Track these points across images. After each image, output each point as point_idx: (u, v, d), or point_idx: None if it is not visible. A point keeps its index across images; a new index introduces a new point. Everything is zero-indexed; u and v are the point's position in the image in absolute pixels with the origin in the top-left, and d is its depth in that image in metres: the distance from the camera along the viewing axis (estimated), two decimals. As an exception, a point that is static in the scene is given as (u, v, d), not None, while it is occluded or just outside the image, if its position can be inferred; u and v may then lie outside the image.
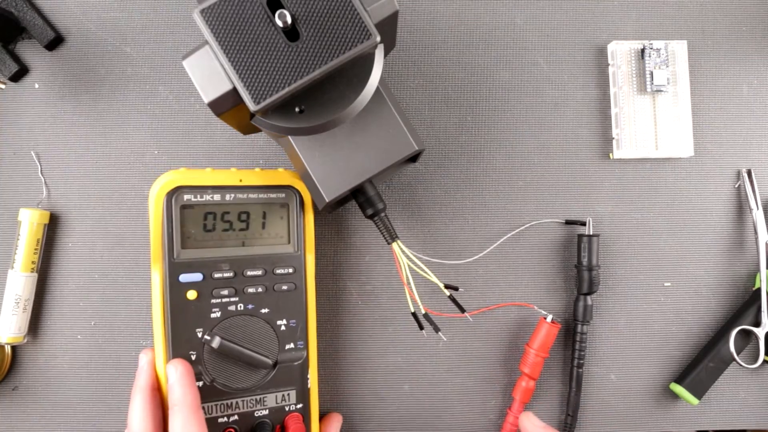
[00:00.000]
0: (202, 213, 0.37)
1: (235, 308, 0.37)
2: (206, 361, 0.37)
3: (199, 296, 0.36)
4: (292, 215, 0.39)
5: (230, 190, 0.37)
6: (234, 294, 0.37)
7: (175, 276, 0.36)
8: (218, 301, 0.37)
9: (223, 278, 0.37)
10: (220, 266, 0.37)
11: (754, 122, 0.47)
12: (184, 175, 0.36)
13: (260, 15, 0.30)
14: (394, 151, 0.38)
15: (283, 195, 0.38)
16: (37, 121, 0.45)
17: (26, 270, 0.43)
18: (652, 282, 0.46)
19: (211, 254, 0.37)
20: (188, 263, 0.36)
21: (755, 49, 0.47)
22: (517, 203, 0.46)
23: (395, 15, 0.32)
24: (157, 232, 0.36)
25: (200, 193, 0.37)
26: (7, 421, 0.44)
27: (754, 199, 0.46)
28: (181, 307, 0.36)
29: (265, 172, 0.39)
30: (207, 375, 0.37)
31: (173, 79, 0.45)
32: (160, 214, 0.36)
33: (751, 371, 0.46)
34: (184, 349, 0.36)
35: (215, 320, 0.37)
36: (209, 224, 0.37)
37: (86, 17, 0.45)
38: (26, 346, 0.44)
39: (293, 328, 0.38)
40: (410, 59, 0.46)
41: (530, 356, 0.44)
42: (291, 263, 0.38)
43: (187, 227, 0.37)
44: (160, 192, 0.36)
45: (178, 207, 0.36)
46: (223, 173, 0.37)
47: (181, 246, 0.36)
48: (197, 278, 0.36)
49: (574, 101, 0.46)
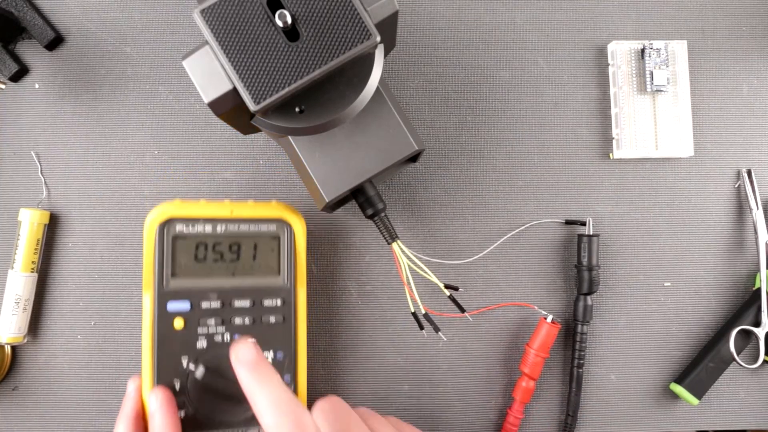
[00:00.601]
0: (193, 243, 0.37)
1: (222, 339, 0.37)
2: (190, 391, 0.36)
3: (186, 325, 0.36)
4: (283, 248, 0.39)
5: (222, 222, 0.37)
6: (221, 324, 0.37)
7: (164, 304, 0.36)
8: (205, 331, 0.37)
9: (210, 308, 0.37)
10: (208, 296, 0.37)
11: (754, 122, 0.47)
12: (178, 206, 0.37)
13: (260, 15, 0.30)
14: (394, 151, 0.38)
15: (274, 227, 0.38)
16: (37, 121, 0.45)
17: (26, 270, 0.43)
18: (652, 282, 0.46)
19: (200, 284, 0.37)
20: (177, 292, 0.36)
21: (755, 49, 0.47)
22: (517, 203, 0.46)
23: (395, 15, 0.32)
24: (149, 261, 0.36)
25: (192, 224, 0.37)
26: (7, 421, 0.44)
27: (754, 199, 0.46)
28: (167, 335, 0.36)
29: (257, 205, 0.39)
30: (190, 405, 0.36)
31: (173, 79, 0.45)
32: (152, 243, 0.36)
33: (751, 371, 0.46)
34: (169, 377, 0.36)
35: (201, 350, 0.37)
36: (200, 254, 0.37)
37: (86, 17, 0.45)
38: (26, 346, 0.44)
39: (280, 361, 0.38)
40: (410, 59, 0.46)
41: (530, 356, 0.44)
42: (280, 295, 0.38)
43: (177, 257, 0.37)
44: (153, 222, 0.36)
45: (170, 237, 0.36)
46: (216, 205, 0.38)
47: (171, 275, 0.37)
48: (185, 307, 0.37)
49: (574, 101, 0.46)
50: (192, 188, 0.45)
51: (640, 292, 0.46)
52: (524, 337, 0.46)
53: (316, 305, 0.45)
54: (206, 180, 0.45)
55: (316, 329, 0.45)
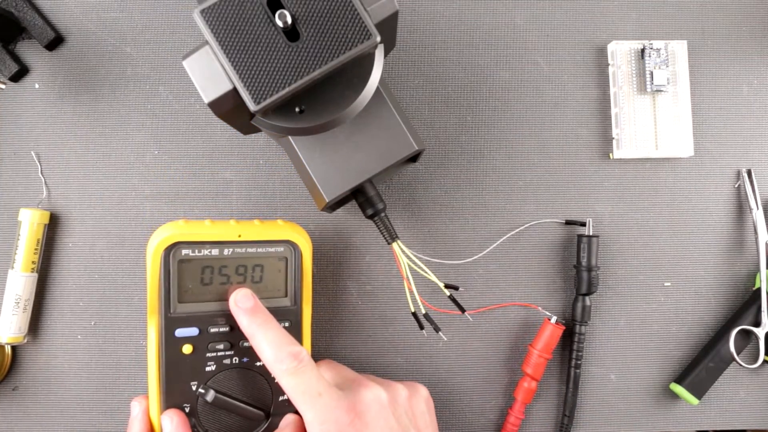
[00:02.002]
0: (199, 267, 0.37)
1: (230, 362, 0.37)
2: (200, 414, 0.37)
3: (195, 350, 0.36)
4: (290, 269, 0.39)
5: (229, 245, 0.37)
6: (229, 348, 0.37)
7: (171, 331, 0.36)
8: (213, 355, 0.37)
9: (219, 332, 0.37)
10: (216, 320, 0.37)
11: (754, 122, 0.47)
12: (183, 229, 0.36)
13: (260, 15, 0.30)
14: (394, 151, 0.38)
15: (281, 249, 0.38)
16: (37, 121, 0.45)
17: (26, 270, 0.43)
18: (652, 282, 0.46)
19: (207, 308, 0.37)
20: (185, 318, 0.36)
21: (755, 49, 0.47)
22: (517, 203, 0.46)
23: (395, 15, 0.32)
24: (154, 286, 0.36)
25: (198, 248, 0.36)
26: (7, 421, 0.44)
27: (754, 199, 0.46)
28: (176, 361, 0.36)
29: (264, 225, 0.38)
30: (200, 427, 0.37)
31: (173, 79, 0.45)
32: (157, 268, 0.36)
33: (751, 371, 0.46)
34: (178, 401, 0.36)
35: (210, 373, 0.37)
36: (206, 278, 0.37)
37: (86, 17, 0.45)
38: (26, 346, 0.44)
39: None
40: (410, 59, 0.46)
41: (533, 357, 0.43)
42: (287, 317, 0.39)
43: (184, 281, 0.36)
44: (158, 247, 0.35)
45: (176, 262, 0.36)
46: (222, 227, 0.37)
47: (178, 300, 0.36)
48: (193, 333, 0.36)
49: (574, 101, 0.46)
50: (192, 188, 0.45)
51: (639, 292, 0.46)
52: (524, 338, 0.46)
53: (316, 305, 0.45)
54: (206, 180, 0.45)
55: (317, 329, 0.45)
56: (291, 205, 0.45)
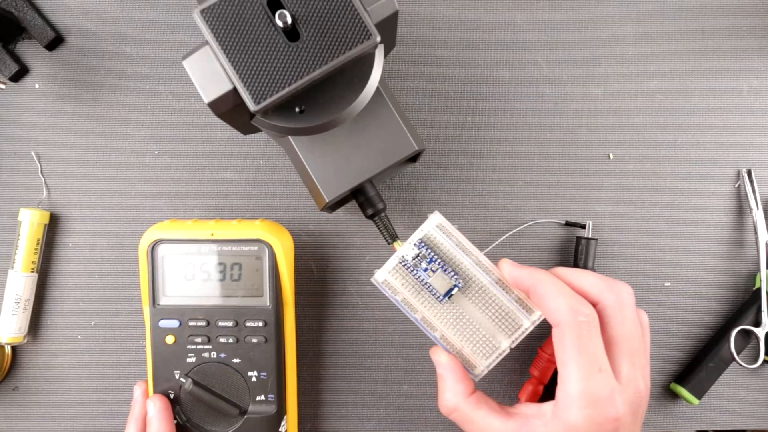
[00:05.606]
0: (181, 264, 0.39)
1: (209, 356, 0.39)
2: (182, 401, 0.39)
3: (177, 341, 0.39)
4: (265, 268, 0.39)
5: (206, 243, 0.39)
6: (207, 342, 0.39)
7: (156, 321, 0.39)
8: (193, 347, 0.39)
9: (197, 326, 0.39)
10: (195, 315, 0.39)
11: (754, 122, 0.47)
12: (165, 228, 0.39)
13: (260, 15, 0.30)
14: (394, 151, 0.38)
15: (255, 248, 0.39)
16: (37, 121, 0.45)
17: (26, 270, 0.43)
18: (652, 282, 0.46)
19: (188, 302, 0.39)
20: (168, 310, 0.39)
21: (755, 49, 0.47)
22: (517, 203, 0.46)
23: (395, 15, 0.32)
24: (144, 280, 0.39)
25: (177, 245, 0.39)
26: (7, 421, 0.44)
27: (754, 199, 0.46)
28: (161, 349, 0.39)
29: (240, 224, 0.40)
30: (182, 414, 0.39)
31: (173, 79, 0.45)
32: (145, 263, 0.39)
33: (751, 371, 0.46)
34: (164, 387, 0.39)
35: (191, 364, 0.39)
36: (189, 274, 0.39)
37: (86, 17, 0.45)
38: (26, 346, 0.44)
39: (264, 380, 0.40)
40: (410, 59, 0.46)
41: (543, 360, 0.43)
42: (262, 316, 0.39)
43: (167, 277, 0.39)
44: (143, 243, 0.39)
45: (160, 258, 0.39)
46: (199, 226, 0.39)
47: (162, 293, 0.39)
48: (174, 324, 0.39)
49: (574, 101, 0.46)
50: (192, 188, 0.45)
51: (640, 292, 0.46)
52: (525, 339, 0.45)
53: (316, 305, 0.45)
54: (206, 180, 0.45)
55: (317, 329, 0.45)
56: (291, 205, 0.45)
